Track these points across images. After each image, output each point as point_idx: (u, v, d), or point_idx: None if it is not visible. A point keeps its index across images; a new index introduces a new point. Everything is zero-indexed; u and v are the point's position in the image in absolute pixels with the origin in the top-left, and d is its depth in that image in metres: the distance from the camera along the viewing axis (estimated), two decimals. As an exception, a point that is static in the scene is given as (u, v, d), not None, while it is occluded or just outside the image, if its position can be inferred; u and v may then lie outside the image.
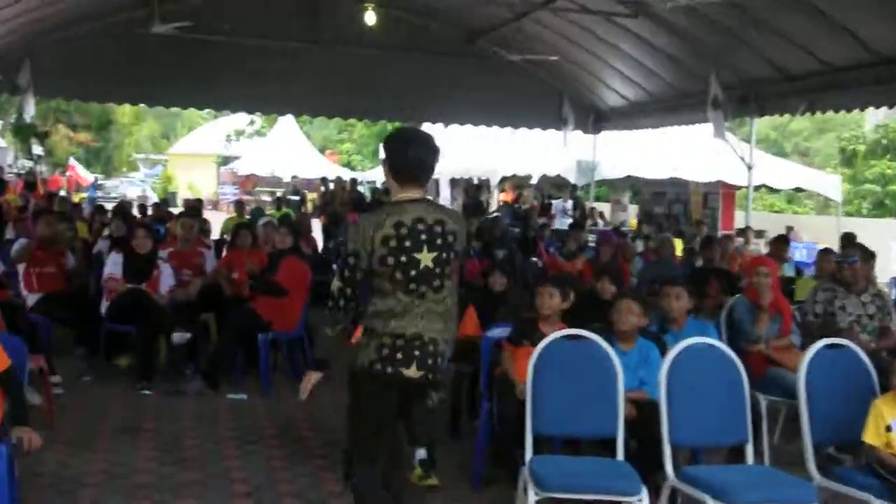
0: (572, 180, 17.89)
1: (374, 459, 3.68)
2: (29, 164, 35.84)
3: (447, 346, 3.68)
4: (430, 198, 3.86)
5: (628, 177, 18.12)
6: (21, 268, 7.28)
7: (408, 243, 3.48)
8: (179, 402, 6.50)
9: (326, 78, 14.48)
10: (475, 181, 22.74)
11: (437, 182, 25.49)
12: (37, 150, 38.40)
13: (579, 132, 16.07)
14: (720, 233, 15.76)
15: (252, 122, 37.11)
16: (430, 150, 3.63)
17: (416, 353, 3.52)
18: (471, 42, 14.72)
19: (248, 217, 13.59)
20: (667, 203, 20.76)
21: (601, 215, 19.02)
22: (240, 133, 37.67)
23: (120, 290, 6.96)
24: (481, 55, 14.75)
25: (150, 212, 13.76)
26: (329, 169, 34.29)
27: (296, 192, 19.74)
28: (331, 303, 3.61)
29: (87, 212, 12.99)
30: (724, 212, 19.13)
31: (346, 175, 33.81)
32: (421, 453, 4.97)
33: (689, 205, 20.14)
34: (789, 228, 18.26)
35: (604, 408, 4.28)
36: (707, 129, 12.66)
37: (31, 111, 14.64)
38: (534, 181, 19.82)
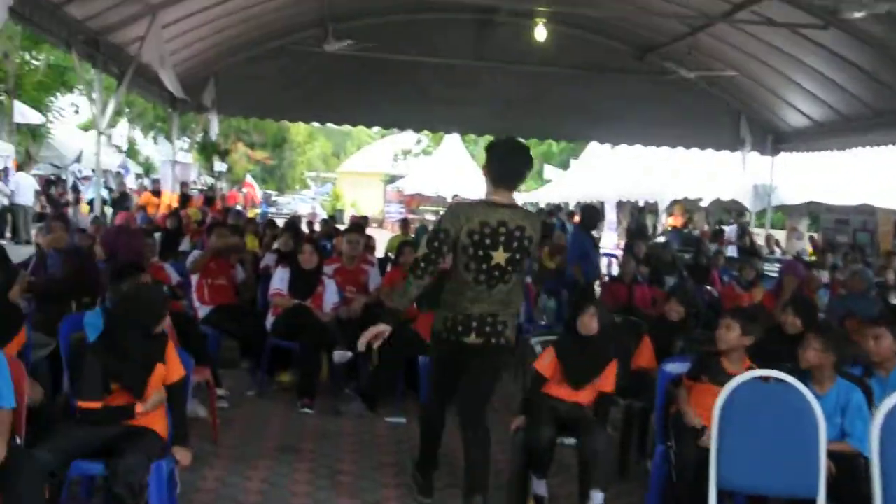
0: (747, 205, 16.97)
1: (441, 401, 4.74)
2: (211, 180, 37.68)
3: (511, 318, 4.47)
4: (517, 203, 4.42)
5: (809, 203, 17.01)
6: (194, 279, 7.41)
7: (487, 241, 4.22)
8: (338, 424, 6.36)
9: (492, 96, 14.36)
10: (641, 204, 22.08)
11: (602, 204, 24.95)
12: (218, 166, 40.38)
13: (756, 154, 15.25)
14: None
15: (419, 142, 37.64)
16: (525, 161, 4.32)
17: (474, 324, 4.35)
18: (641, 59, 14.24)
19: (412, 236, 13.57)
20: (851, 231, 19.43)
21: (776, 243, 17.90)
22: (407, 152, 38.26)
23: (286, 305, 6.93)
24: (652, 72, 14.27)
25: (317, 228, 13.99)
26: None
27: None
28: (414, 267, 4.31)
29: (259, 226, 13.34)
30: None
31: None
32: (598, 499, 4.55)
33: (876, 234, 18.76)
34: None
35: (801, 462, 3.72)
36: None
37: (215, 129, 15.26)
38: (704, 205, 18.94)
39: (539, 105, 14.47)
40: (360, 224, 10.09)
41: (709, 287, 10.94)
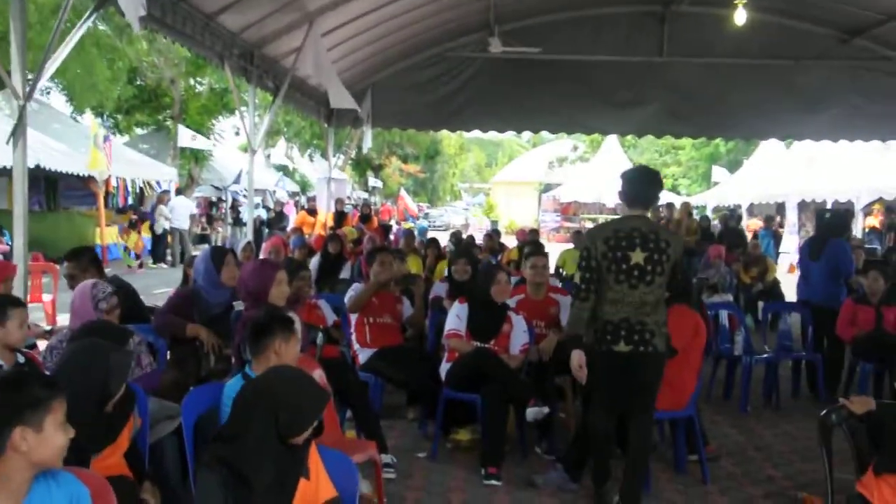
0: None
1: (608, 410, 4.63)
2: (364, 195, 37.26)
3: (657, 327, 4.46)
4: (648, 217, 4.62)
5: None
6: (354, 317, 6.19)
7: (623, 243, 4.38)
8: (535, 499, 4.94)
9: (671, 93, 12.72)
10: (829, 204, 19.66)
11: (782, 205, 22.60)
12: (372, 181, 40.06)
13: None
14: None
15: (575, 148, 36.03)
16: (657, 184, 4.66)
17: (623, 332, 4.41)
18: (846, 42, 12.21)
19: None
20: None
21: None
22: (563, 160, 36.70)
23: (464, 349, 5.57)
24: (859, 57, 12.25)
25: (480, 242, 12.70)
26: (655, 194, 32.21)
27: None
28: (576, 291, 4.57)
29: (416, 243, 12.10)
30: None
31: (674, 200, 31.62)
32: None
33: None
34: None
35: None
36: None
37: (368, 142, 14.29)
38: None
39: (723, 101, 12.76)
40: (537, 242, 8.61)
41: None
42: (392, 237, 13.74)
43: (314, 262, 9.32)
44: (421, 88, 12.92)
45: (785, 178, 22.46)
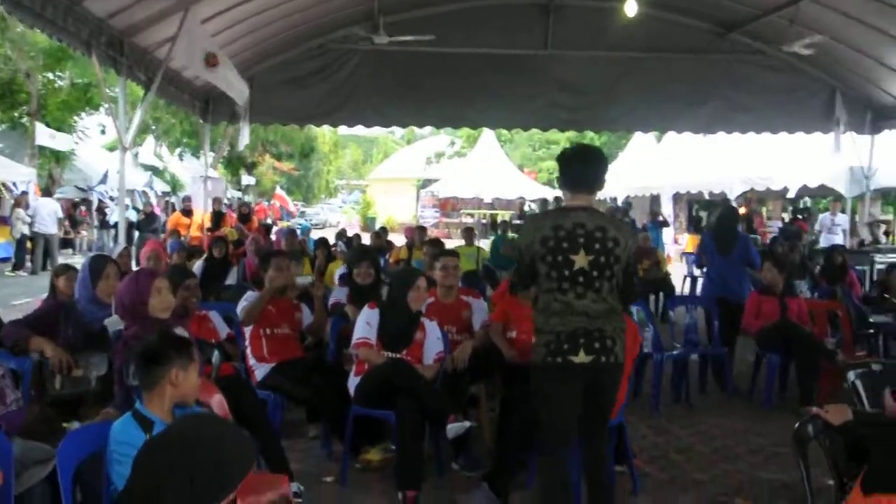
0: (842, 190, 14.91)
1: (561, 448, 3.85)
2: (238, 194, 35.99)
3: (617, 334, 3.79)
4: (595, 207, 3.93)
5: (912, 184, 14.99)
6: (247, 329, 5.58)
7: (564, 245, 3.74)
8: (461, 522, 4.50)
9: (555, 88, 12.57)
10: (706, 196, 20.06)
11: (657, 197, 22.98)
12: (245, 180, 38.76)
13: (851, 134, 13.26)
14: None
15: (452, 143, 35.81)
16: (598, 165, 3.94)
17: (582, 340, 3.72)
18: (722, 36, 12.30)
19: (478, 246, 11.70)
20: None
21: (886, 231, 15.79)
22: (440, 155, 36.44)
23: (375, 361, 5.06)
24: (735, 51, 12.38)
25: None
26: (530, 188, 32.37)
27: (521, 215, 17.59)
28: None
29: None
30: None
31: (549, 194, 31.86)
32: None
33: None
34: None
35: None
36: None
37: (245, 139, 13.50)
38: (791, 194, 16.91)
39: (607, 95, 12.69)
40: (438, 241, 8.15)
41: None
42: (273, 237, 13.03)
43: (198, 268, 8.60)
44: (302, 82, 12.31)
45: (658, 170, 22.80)
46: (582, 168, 3.90)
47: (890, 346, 8.05)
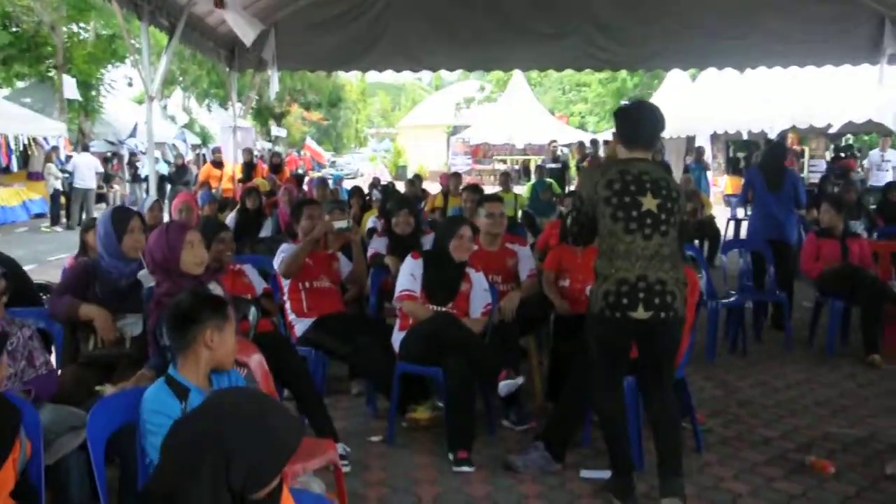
0: (890, 125, 14.26)
1: (613, 386, 3.93)
2: (268, 145, 35.73)
3: (678, 287, 3.72)
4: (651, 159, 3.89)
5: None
6: (286, 283, 5.30)
7: (632, 188, 3.67)
8: (516, 487, 4.21)
9: (584, 23, 11.93)
10: (744, 136, 19.42)
11: (693, 138, 22.35)
12: (275, 131, 38.46)
13: (899, 66, 12.59)
14: None
15: (482, 89, 35.17)
16: (657, 122, 3.87)
17: (642, 294, 3.63)
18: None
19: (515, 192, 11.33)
20: None
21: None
22: (469, 100, 35.81)
23: (421, 315, 4.77)
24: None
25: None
26: (563, 132, 31.76)
27: (555, 159, 17.14)
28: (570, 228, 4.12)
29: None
30: None
31: (583, 137, 31.26)
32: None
33: None
34: None
35: None
36: None
37: (275, 88, 13.11)
38: (834, 130, 16.25)
39: (644, 31, 11.98)
40: (479, 190, 7.78)
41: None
42: (305, 187, 12.75)
43: (230, 220, 8.34)
44: (328, 27, 11.78)
45: (694, 110, 22.10)
46: (640, 123, 3.85)
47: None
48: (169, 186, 18.22)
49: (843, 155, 18.07)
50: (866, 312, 6.30)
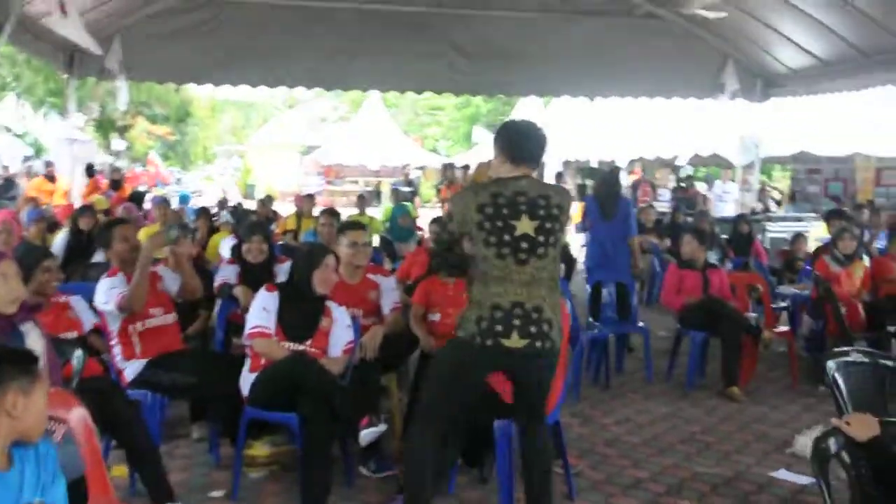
0: (732, 159, 14.80)
1: (435, 423, 3.58)
2: (110, 159, 33.82)
3: (555, 315, 3.50)
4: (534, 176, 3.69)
5: (800, 153, 15.01)
6: (114, 325, 4.51)
7: (505, 211, 3.47)
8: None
9: (445, 48, 11.83)
10: (594, 164, 19.81)
11: (543, 165, 22.65)
12: (117, 144, 36.51)
13: (743, 101, 13.10)
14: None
15: (336, 109, 34.61)
16: (542, 139, 3.70)
17: (517, 321, 3.40)
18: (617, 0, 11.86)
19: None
20: (822, 181, 17.66)
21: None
22: (323, 120, 35.14)
23: (275, 355, 4.29)
24: (631, 14, 11.94)
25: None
26: (417, 155, 31.67)
27: (408, 183, 16.87)
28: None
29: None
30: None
31: (436, 161, 31.23)
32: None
33: (850, 183, 17.04)
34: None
35: None
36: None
37: (124, 99, 12.17)
38: (683, 162, 16.79)
39: (500, 58, 11.98)
40: (336, 214, 7.35)
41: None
42: (148, 206, 11.94)
43: (59, 242, 7.53)
44: (180, 37, 11.07)
45: (547, 137, 22.43)
46: (527, 139, 3.64)
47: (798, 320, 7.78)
48: (-5, 203, 16.74)
49: (683, 185, 18.67)
50: (727, 345, 6.26)
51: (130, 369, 4.51)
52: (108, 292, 4.43)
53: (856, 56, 10.37)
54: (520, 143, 3.61)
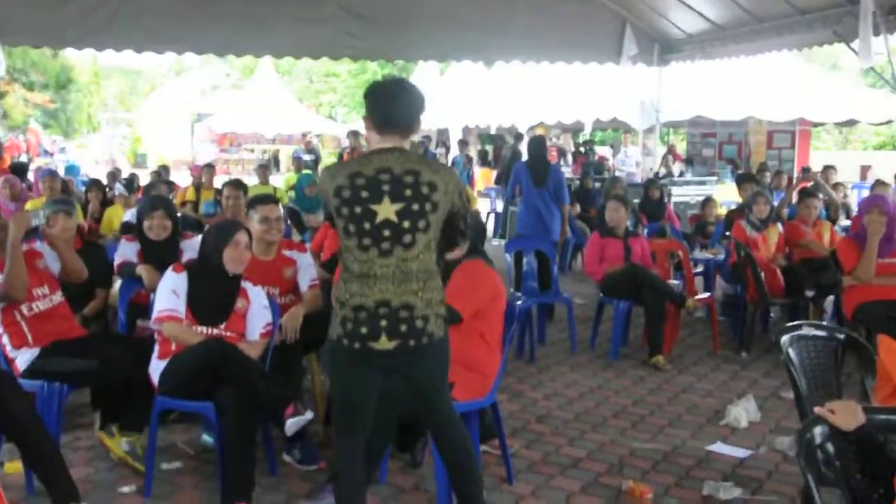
0: (633, 124, 14.82)
1: (352, 432, 3.16)
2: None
3: (431, 308, 3.01)
4: (406, 148, 3.10)
5: (697, 118, 15.20)
6: None
7: (363, 194, 2.96)
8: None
9: (340, 12, 11.25)
10: (492, 131, 19.63)
11: (445, 130, 22.39)
12: (-8, 113, 34.46)
13: (642, 66, 13.09)
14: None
15: (228, 76, 33.42)
16: (415, 101, 3.10)
17: (384, 322, 2.95)
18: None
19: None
20: (717, 144, 18.00)
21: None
22: (216, 87, 33.88)
23: (188, 340, 3.88)
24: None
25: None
26: (314, 122, 30.91)
27: (310, 151, 16.32)
28: None
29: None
30: (800, 153, 16.37)
31: (333, 128, 30.56)
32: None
33: (744, 146, 17.42)
34: (866, 168, 15.71)
35: None
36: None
37: (2, 64, 11.16)
38: (586, 129, 16.76)
39: (397, 22, 11.50)
40: (242, 186, 6.87)
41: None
42: (31, 178, 11.11)
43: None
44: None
45: (445, 104, 22.13)
46: (392, 104, 3.05)
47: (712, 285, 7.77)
48: None
49: (582, 150, 18.70)
50: (651, 313, 6.13)
51: (22, 359, 4.03)
52: None
53: (750, 21, 10.44)
54: (387, 106, 3.04)
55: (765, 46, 10.70)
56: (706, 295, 6.91)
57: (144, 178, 12.21)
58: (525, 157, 9.57)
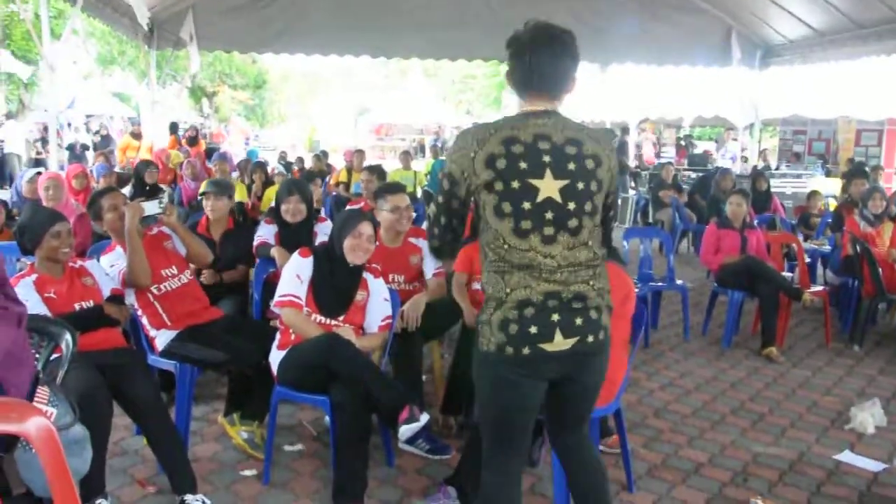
0: (736, 122, 13.22)
1: (509, 469, 2.08)
2: (201, 121, 32.62)
3: (603, 298, 1.99)
4: (559, 112, 1.96)
5: (793, 116, 13.43)
6: (131, 295, 3.38)
7: (523, 165, 1.89)
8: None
9: (468, 14, 10.27)
10: (607, 125, 18.16)
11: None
12: (207, 109, 35.52)
13: (744, 69, 11.53)
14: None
15: (387, 77, 33.04)
16: (565, 53, 1.92)
17: (556, 316, 1.92)
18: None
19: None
20: (807, 141, 16.00)
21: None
22: (375, 87, 33.67)
23: (309, 332, 3.08)
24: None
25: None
26: (452, 116, 30.20)
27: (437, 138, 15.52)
28: (429, 237, 2.11)
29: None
30: (887, 151, 14.28)
31: (468, 122, 29.62)
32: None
33: (833, 143, 15.40)
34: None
35: None
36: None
37: (195, 65, 10.96)
38: (687, 124, 15.21)
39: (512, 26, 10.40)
40: (381, 172, 6.05)
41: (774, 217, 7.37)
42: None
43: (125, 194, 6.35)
44: (243, 10, 9.96)
45: (579, 100, 20.71)
46: (541, 57, 1.93)
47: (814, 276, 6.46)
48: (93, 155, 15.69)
49: (682, 144, 17.05)
50: (766, 305, 4.99)
51: (161, 339, 3.36)
52: (109, 270, 3.32)
53: (850, 26, 8.84)
54: (529, 62, 1.93)
55: (864, 52, 9.07)
56: (820, 288, 5.64)
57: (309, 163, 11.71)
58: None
